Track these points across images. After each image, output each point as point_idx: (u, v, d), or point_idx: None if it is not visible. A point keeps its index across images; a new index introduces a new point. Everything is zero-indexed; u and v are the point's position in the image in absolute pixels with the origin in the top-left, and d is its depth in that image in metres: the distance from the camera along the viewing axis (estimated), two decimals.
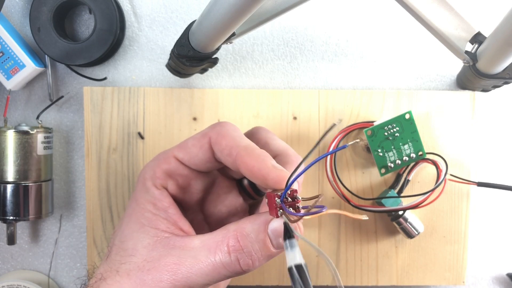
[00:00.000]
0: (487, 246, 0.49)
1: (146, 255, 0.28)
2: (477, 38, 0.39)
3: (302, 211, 0.25)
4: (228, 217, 0.34)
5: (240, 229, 0.28)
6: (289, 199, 0.25)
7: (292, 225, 0.25)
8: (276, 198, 0.25)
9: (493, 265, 0.49)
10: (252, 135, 0.34)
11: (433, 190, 0.43)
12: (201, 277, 0.27)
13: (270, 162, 0.28)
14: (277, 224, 0.27)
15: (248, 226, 0.28)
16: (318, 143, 0.43)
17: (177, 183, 0.31)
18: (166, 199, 0.30)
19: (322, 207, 0.24)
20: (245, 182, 0.35)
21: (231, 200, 0.34)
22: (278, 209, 0.25)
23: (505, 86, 0.44)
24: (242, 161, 0.28)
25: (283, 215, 0.25)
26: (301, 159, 0.28)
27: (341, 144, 0.45)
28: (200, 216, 0.34)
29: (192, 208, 0.34)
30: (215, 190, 0.34)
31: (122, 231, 0.30)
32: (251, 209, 0.36)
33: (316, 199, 0.24)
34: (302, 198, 0.26)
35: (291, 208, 0.25)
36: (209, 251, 0.27)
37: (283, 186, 0.26)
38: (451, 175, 0.44)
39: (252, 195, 0.35)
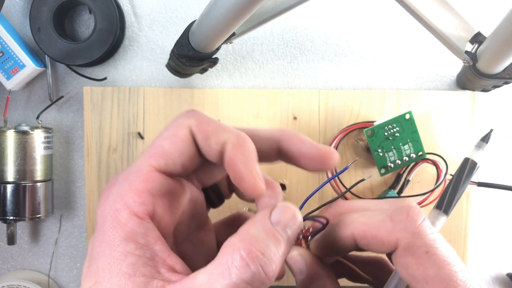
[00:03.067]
0: (487, 246, 0.48)
1: None
2: (477, 38, 0.39)
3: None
4: (198, 228, 0.30)
5: (246, 235, 0.23)
6: None
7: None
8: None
9: (493, 265, 0.49)
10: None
11: (433, 190, 0.43)
12: None
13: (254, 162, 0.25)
14: (278, 216, 0.24)
15: (252, 229, 0.24)
16: (345, 193, 0.44)
17: (164, 204, 0.25)
18: (151, 233, 0.24)
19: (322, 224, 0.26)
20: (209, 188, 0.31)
21: (202, 207, 0.30)
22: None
23: (505, 86, 0.44)
24: (234, 151, 0.25)
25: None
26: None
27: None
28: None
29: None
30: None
31: None
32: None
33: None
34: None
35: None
36: (223, 276, 0.22)
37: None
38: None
39: (215, 202, 0.31)
